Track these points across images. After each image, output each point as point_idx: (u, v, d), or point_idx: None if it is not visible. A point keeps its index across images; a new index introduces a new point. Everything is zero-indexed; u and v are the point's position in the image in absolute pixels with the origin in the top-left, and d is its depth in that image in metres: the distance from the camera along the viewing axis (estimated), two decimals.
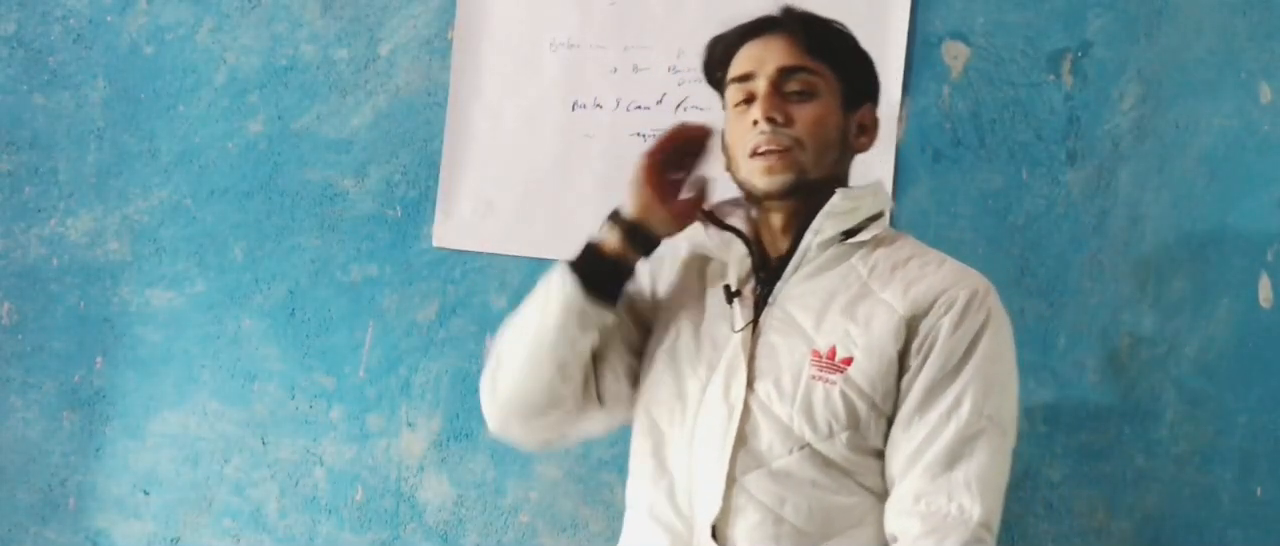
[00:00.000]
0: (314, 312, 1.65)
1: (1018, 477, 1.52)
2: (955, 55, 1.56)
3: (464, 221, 1.63)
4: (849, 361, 1.07)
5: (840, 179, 1.17)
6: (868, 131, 1.20)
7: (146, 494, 1.67)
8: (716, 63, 1.21)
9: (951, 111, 1.56)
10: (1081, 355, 1.52)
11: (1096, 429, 1.52)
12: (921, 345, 1.07)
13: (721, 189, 1.21)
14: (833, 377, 1.07)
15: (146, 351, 1.68)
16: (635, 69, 1.62)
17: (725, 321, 1.15)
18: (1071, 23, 1.54)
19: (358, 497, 1.63)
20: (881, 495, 1.10)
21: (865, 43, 1.55)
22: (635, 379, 1.22)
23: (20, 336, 1.70)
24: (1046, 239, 1.53)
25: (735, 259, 1.17)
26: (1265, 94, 1.51)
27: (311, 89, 1.67)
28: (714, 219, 1.19)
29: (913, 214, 1.56)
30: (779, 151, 1.10)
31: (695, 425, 1.12)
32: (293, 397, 1.65)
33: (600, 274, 1.13)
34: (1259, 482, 1.48)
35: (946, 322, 1.07)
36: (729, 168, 1.18)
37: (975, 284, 1.11)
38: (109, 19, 1.70)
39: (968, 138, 1.55)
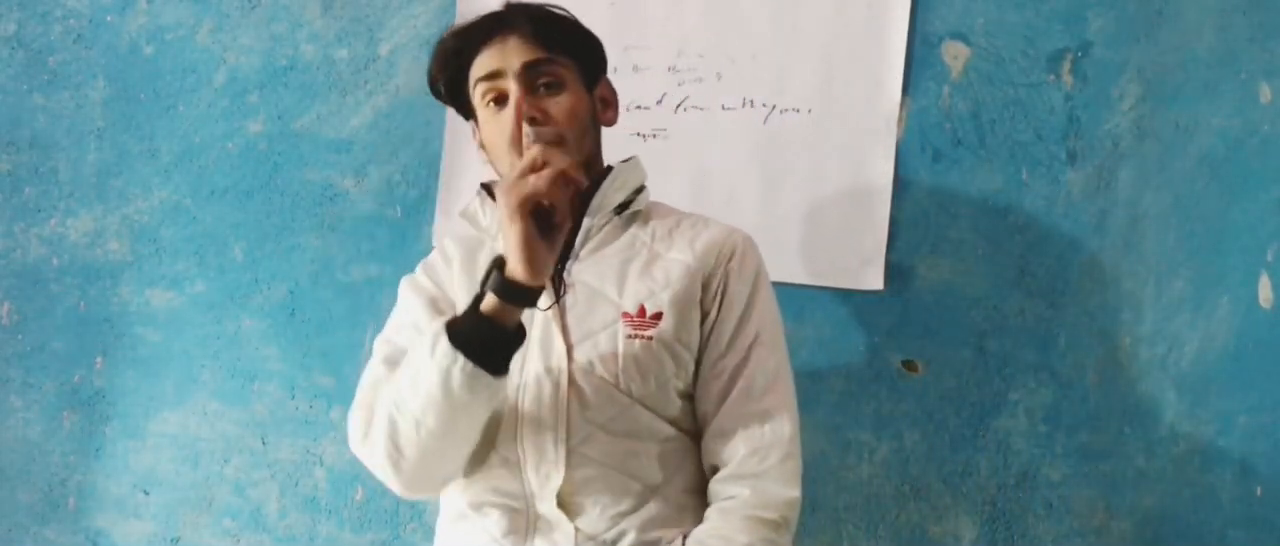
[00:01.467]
0: (314, 312, 1.65)
1: (1018, 477, 1.52)
2: (955, 55, 1.56)
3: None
4: (659, 316, 1.17)
5: (598, 156, 1.26)
6: (610, 104, 1.29)
7: (146, 494, 1.67)
8: (449, 69, 1.24)
9: (951, 111, 1.56)
10: (1081, 355, 1.52)
11: (1096, 429, 1.52)
12: (716, 292, 1.20)
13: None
14: (648, 332, 1.16)
15: (146, 351, 1.68)
16: (635, 69, 1.62)
17: None
18: (1071, 23, 1.54)
19: (358, 497, 1.63)
20: (695, 435, 1.21)
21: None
22: None
23: (20, 336, 1.70)
24: (1046, 239, 1.53)
25: None
26: (1265, 94, 1.51)
27: (311, 89, 1.67)
28: (493, 198, 1.24)
29: (913, 214, 1.56)
30: (545, 146, 1.13)
31: (521, 405, 1.15)
32: (293, 397, 1.65)
33: (503, 349, 1.08)
34: (1259, 482, 1.48)
35: (733, 269, 1.21)
36: (492, 163, 1.25)
37: (743, 234, 1.25)
38: (109, 19, 1.70)
39: (968, 138, 1.55)
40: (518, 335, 1.09)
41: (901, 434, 1.55)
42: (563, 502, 1.14)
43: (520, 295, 1.05)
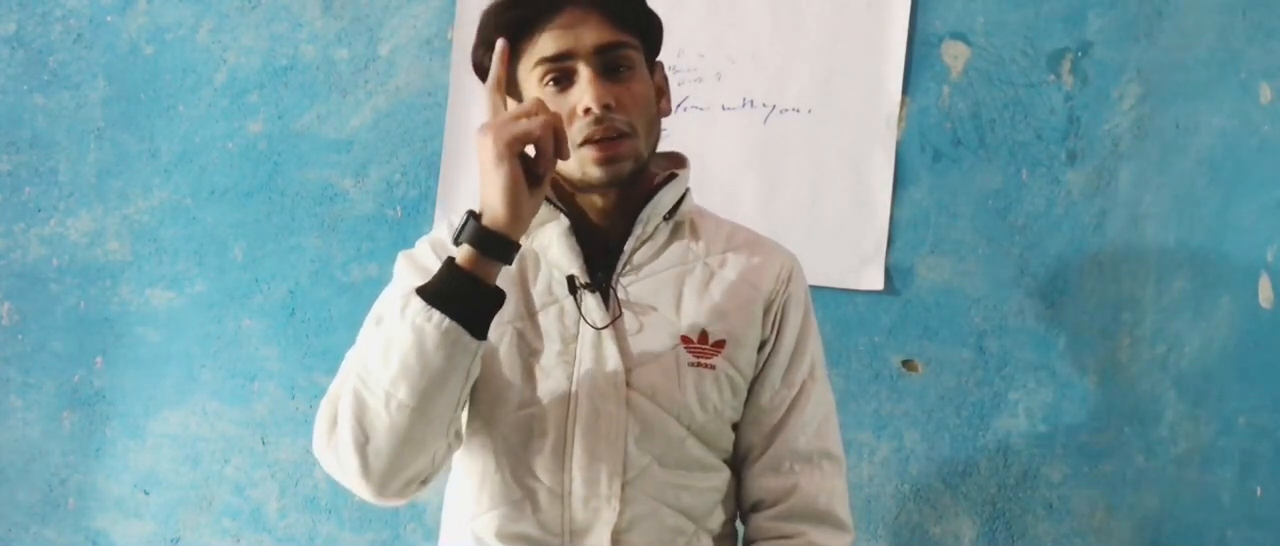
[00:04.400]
0: (314, 312, 1.65)
1: (1018, 477, 1.52)
2: (955, 55, 1.56)
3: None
4: (722, 344, 1.09)
5: (656, 151, 1.13)
6: (664, 94, 1.14)
7: (146, 494, 1.67)
8: (503, 34, 1.04)
9: (951, 111, 1.56)
10: (1081, 355, 1.52)
11: (1096, 429, 1.52)
12: (775, 319, 1.12)
13: None
14: (712, 361, 1.08)
15: (146, 351, 1.68)
16: None
17: (561, 316, 1.08)
18: (1071, 23, 1.54)
19: (357, 497, 1.63)
20: (735, 467, 1.15)
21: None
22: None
23: (20, 336, 1.70)
24: (1046, 239, 1.53)
25: (557, 242, 1.08)
26: (1265, 94, 1.50)
27: (311, 89, 1.67)
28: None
29: (913, 214, 1.55)
30: (614, 139, 1.04)
31: (570, 428, 1.05)
32: (293, 397, 1.65)
33: (483, 308, 0.96)
34: (1259, 482, 1.48)
35: (791, 294, 1.14)
36: None
37: (792, 255, 1.18)
38: (109, 19, 1.70)
39: (968, 138, 1.55)
40: (497, 295, 0.97)
41: (901, 434, 1.55)
42: (612, 540, 1.05)
43: (499, 247, 0.94)
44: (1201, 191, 1.51)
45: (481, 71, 1.10)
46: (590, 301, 1.07)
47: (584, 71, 1.03)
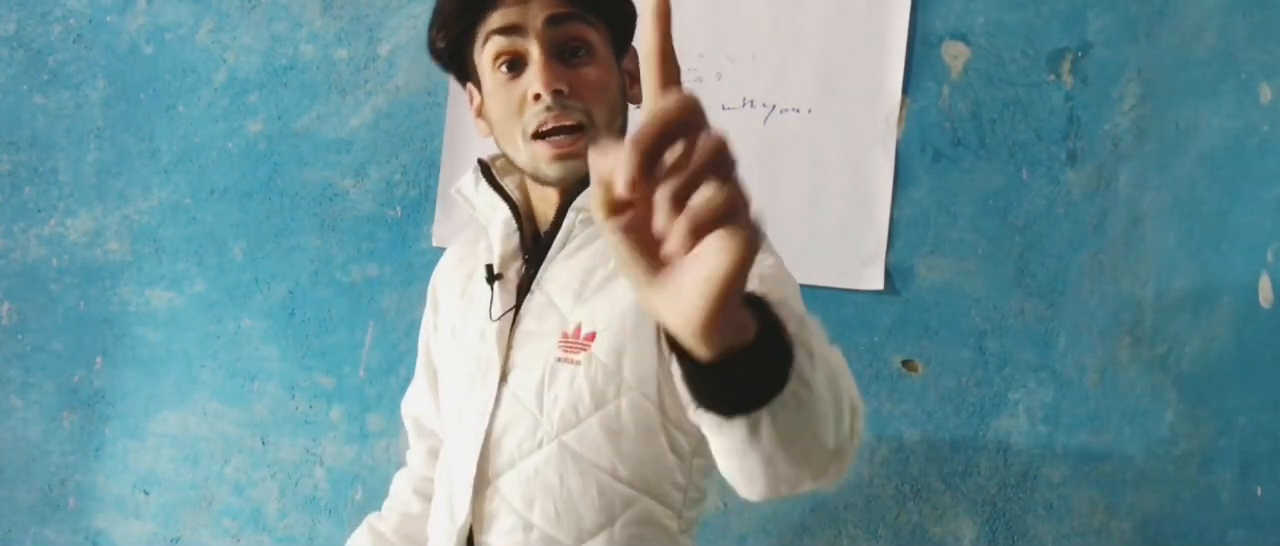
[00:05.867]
0: (314, 312, 1.65)
1: (1018, 477, 1.52)
2: (955, 55, 1.56)
3: (464, 221, 1.63)
4: (593, 337, 0.96)
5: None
6: (636, 79, 1.05)
7: (146, 494, 1.67)
8: (455, 25, 1.00)
9: (951, 111, 1.56)
10: (1081, 355, 1.52)
11: (1096, 429, 1.51)
12: None
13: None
14: (577, 357, 0.96)
15: (146, 351, 1.68)
16: None
17: (480, 307, 1.05)
18: (1071, 23, 1.53)
19: (357, 497, 1.63)
20: (644, 488, 0.98)
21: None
22: None
23: (20, 336, 1.70)
24: (1046, 239, 1.53)
25: (499, 226, 1.05)
26: (1265, 94, 1.50)
27: (311, 89, 1.67)
28: (490, 175, 1.06)
29: (913, 214, 1.55)
30: (569, 131, 0.96)
31: (458, 427, 1.04)
32: (293, 397, 1.65)
33: None
34: (1259, 482, 1.48)
35: None
36: (494, 138, 1.04)
37: None
38: (109, 19, 1.70)
39: (968, 138, 1.55)
40: None
41: (901, 434, 1.55)
42: (472, 541, 1.01)
43: None
44: (1201, 191, 1.51)
45: (433, 51, 1.04)
46: (497, 293, 1.03)
47: (535, 53, 0.97)
